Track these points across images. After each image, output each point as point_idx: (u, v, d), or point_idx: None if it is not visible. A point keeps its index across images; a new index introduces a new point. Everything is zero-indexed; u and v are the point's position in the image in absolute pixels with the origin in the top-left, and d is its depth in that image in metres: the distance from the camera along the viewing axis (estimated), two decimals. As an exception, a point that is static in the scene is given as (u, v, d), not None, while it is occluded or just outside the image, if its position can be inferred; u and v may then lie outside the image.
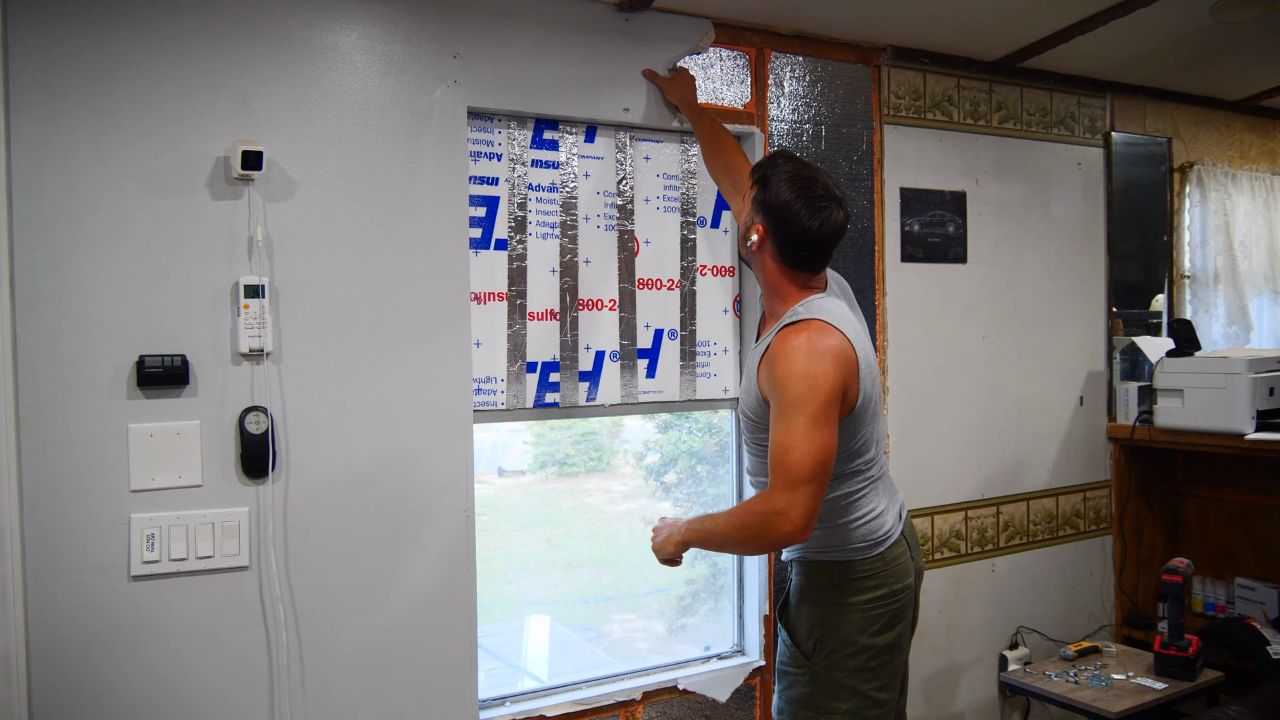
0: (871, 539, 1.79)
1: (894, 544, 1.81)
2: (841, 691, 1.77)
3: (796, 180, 1.74)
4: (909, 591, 1.83)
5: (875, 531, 1.80)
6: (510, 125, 2.22)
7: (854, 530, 1.79)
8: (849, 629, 1.77)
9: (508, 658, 2.40)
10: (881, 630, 1.79)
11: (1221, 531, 3.17)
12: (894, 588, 1.80)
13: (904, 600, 1.82)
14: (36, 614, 1.73)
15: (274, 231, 1.91)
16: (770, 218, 1.75)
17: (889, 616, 1.79)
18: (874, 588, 1.78)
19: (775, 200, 1.74)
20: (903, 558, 1.83)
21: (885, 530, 1.81)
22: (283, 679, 1.91)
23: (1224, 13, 2.53)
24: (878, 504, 1.81)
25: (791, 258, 1.77)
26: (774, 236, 1.76)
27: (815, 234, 1.73)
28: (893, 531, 1.82)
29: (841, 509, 1.78)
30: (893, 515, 1.84)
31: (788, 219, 1.73)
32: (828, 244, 1.77)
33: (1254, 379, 2.70)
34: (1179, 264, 3.40)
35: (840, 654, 1.78)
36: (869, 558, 1.79)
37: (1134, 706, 2.52)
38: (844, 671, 1.77)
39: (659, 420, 2.59)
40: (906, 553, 1.84)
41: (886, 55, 2.68)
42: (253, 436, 1.87)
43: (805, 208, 1.72)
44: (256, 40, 1.89)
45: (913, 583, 1.85)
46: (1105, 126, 3.15)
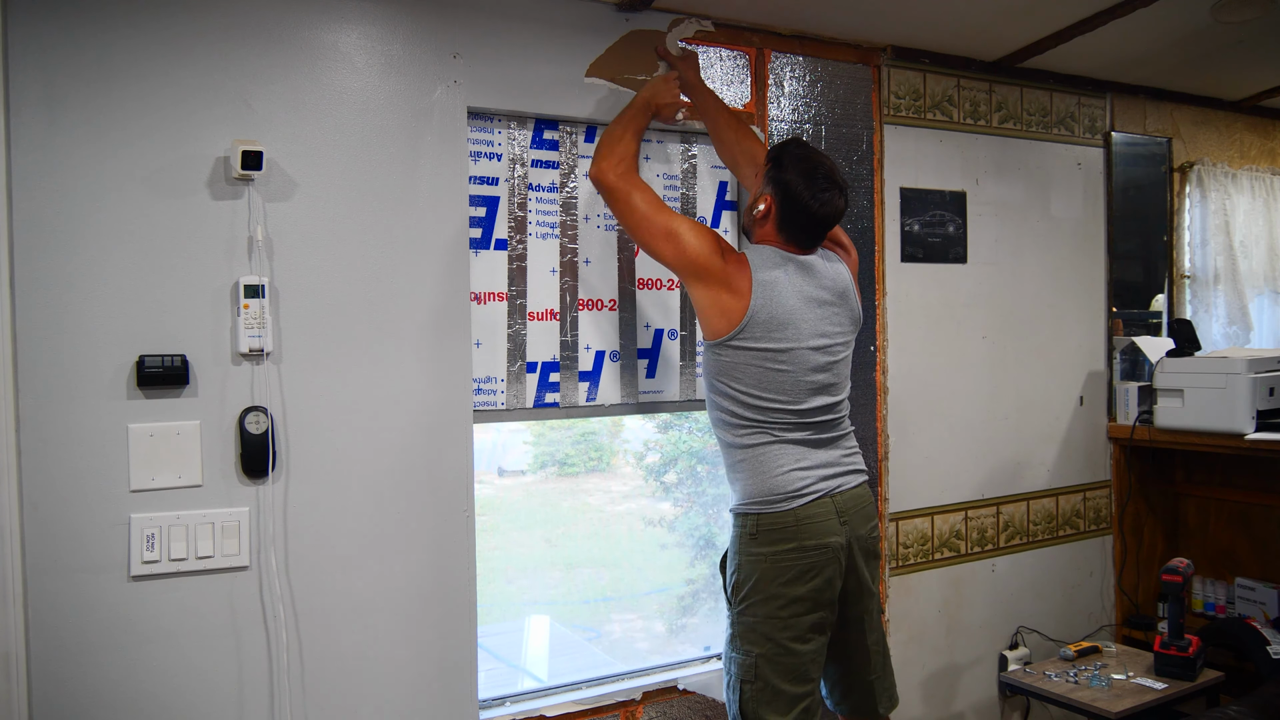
0: (779, 493, 1.92)
1: (809, 502, 1.92)
2: (755, 635, 1.92)
3: (806, 163, 1.96)
4: (827, 551, 1.91)
5: (784, 486, 1.92)
6: (510, 125, 2.22)
7: (762, 482, 1.93)
8: (759, 577, 1.92)
9: (508, 658, 2.40)
10: (791, 581, 1.90)
11: (1221, 531, 3.17)
12: (805, 543, 1.90)
13: (817, 558, 1.91)
14: (36, 614, 1.73)
15: (274, 231, 1.91)
16: (779, 192, 1.96)
17: (799, 569, 1.90)
18: (780, 540, 1.91)
19: (785, 178, 1.95)
20: (821, 518, 1.92)
21: (796, 488, 1.92)
22: (283, 679, 1.91)
23: (1224, 13, 2.53)
24: (788, 461, 1.93)
25: (788, 232, 1.99)
26: (778, 209, 1.97)
27: (814, 214, 1.95)
28: (808, 490, 1.92)
29: (751, 460, 1.94)
30: (815, 476, 1.94)
31: (793, 196, 1.94)
32: (823, 225, 1.99)
33: (1254, 379, 2.70)
34: (1179, 264, 3.40)
35: (753, 599, 1.92)
36: (776, 511, 1.91)
37: (1134, 706, 2.52)
38: (755, 617, 1.92)
39: (659, 420, 2.59)
40: (832, 517, 1.93)
41: (886, 55, 2.68)
42: (253, 436, 1.87)
43: (809, 189, 1.94)
44: (256, 40, 1.89)
45: (836, 544, 1.92)
46: (1105, 126, 3.15)
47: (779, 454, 1.93)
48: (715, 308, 1.92)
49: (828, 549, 1.92)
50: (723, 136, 2.25)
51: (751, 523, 1.93)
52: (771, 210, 1.98)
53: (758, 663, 1.91)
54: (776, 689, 1.90)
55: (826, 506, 1.94)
